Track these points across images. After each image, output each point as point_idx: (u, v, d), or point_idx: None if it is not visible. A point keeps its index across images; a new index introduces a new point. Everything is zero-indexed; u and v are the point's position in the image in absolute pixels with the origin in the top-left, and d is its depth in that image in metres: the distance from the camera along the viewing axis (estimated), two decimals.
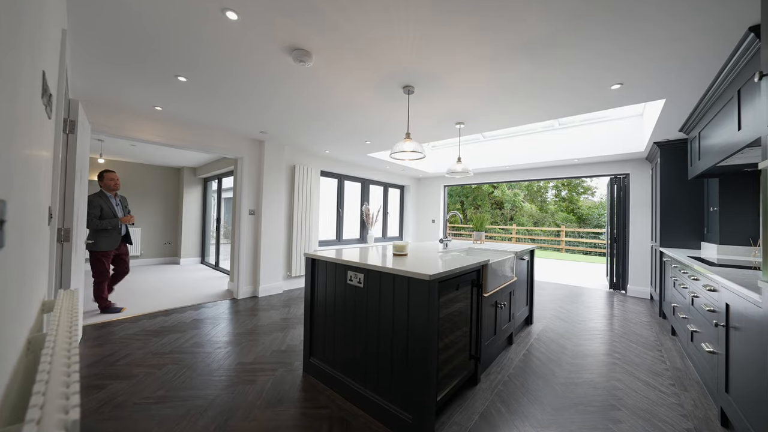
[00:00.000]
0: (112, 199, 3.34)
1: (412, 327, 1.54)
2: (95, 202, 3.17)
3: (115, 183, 3.39)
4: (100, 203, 3.20)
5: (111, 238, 3.25)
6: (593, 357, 2.51)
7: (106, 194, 3.32)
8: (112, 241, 3.26)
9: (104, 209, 3.21)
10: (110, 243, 3.25)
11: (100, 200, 3.22)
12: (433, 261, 1.96)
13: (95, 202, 3.17)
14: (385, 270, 1.65)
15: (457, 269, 1.73)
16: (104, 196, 3.28)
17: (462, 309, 1.90)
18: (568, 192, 17.18)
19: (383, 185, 6.91)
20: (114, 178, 3.38)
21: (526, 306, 3.15)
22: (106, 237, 3.22)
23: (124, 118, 3.13)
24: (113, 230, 3.27)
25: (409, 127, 3.43)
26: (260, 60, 2.07)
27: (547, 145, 5.05)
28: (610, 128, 4.48)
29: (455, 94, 2.59)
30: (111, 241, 3.25)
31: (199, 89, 2.56)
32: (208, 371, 2.16)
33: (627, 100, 2.58)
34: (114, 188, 3.37)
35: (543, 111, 2.90)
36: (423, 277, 1.47)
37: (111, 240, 3.25)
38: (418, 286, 1.51)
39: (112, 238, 3.26)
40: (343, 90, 2.54)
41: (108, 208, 3.25)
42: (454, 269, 1.70)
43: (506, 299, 2.54)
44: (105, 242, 3.21)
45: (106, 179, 3.32)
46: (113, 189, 3.37)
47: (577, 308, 3.94)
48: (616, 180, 5.03)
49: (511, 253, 2.72)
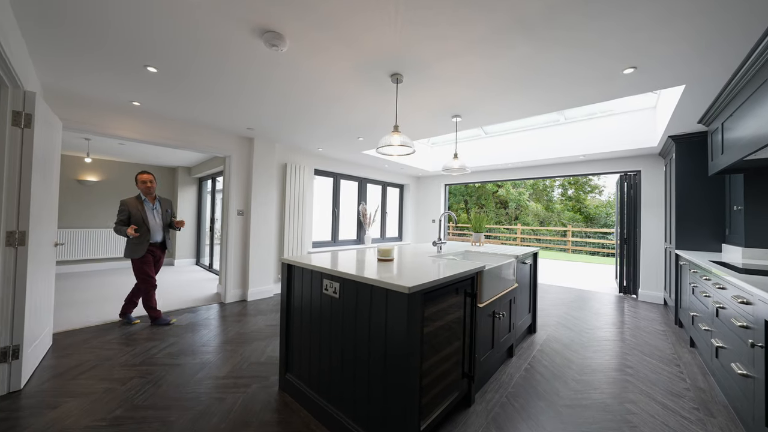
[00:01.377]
0: (147, 203, 3.04)
1: (390, 346, 1.33)
2: (124, 206, 2.94)
3: (147, 186, 3.03)
4: (129, 208, 2.94)
5: (139, 245, 2.94)
6: (602, 372, 2.26)
7: (141, 198, 3.03)
8: (139, 248, 2.94)
9: (133, 214, 2.93)
10: (136, 250, 2.93)
11: (131, 205, 2.95)
12: (421, 268, 1.75)
13: (124, 206, 2.94)
14: (360, 279, 1.44)
15: (446, 278, 1.51)
16: (139, 200, 3.01)
17: (453, 322, 1.68)
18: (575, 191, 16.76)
19: (381, 184, 6.70)
20: (145, 180, 3.04)
21: (528, 314, 2.91)
22: (132, 244, 2.93)
23: (101, 115, 2.97)
24: (141, 237, 2.94)
25: (402, 121, 3.21)
26: (229, 44, 1.87)
27: (552, 141, 4.78)
28: (619, 122, 4.20)
29: (449, 84, 2.37)
30: (138, 248, 2.93)
31: (172, 80, 2.38)
32: (176, 386, 1.98)
33: (640, 88, 2.32)
34: (147, 192, 3.04)
35: (546, 102, 2.66)
36: (401, 289, 1.26)
37: (138, 247, 2.93)
38: (397, 300, 1.30)
39: (140, 246, 2.94)
40: (326, 80, 2.33)
41: (138, 212, 2.96)
42: (443, 278, 1.48)
43: (506, 308, 2.31)
44: (130, 249, 2.93)
45: (139, 182, 3.03)
46: (147, 192, 3.05)
47: (584, 314, 3.68)
48: (627, 177, 4.74)
49: (511, 257, 2.49)
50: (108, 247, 5.86)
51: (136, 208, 2.97)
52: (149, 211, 3.04)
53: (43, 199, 2.20)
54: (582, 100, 2.60)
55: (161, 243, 3.14)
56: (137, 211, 2.97)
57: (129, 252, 2.94)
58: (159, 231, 3.09)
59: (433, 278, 1.43)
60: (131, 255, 2.94)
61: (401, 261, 2.00)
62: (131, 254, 2.94)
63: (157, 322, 3.05)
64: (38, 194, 2.09)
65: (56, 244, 2.58)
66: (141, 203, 3.02)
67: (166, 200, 3.25)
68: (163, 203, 3.19)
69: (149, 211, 3.04)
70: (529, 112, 2.90)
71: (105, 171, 5.86)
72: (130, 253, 2.94)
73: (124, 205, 2.95)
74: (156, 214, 3.09)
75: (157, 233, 3.08)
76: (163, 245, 3.17)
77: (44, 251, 2.28)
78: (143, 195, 3.05)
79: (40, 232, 2.16)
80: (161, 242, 3.14)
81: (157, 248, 3.12)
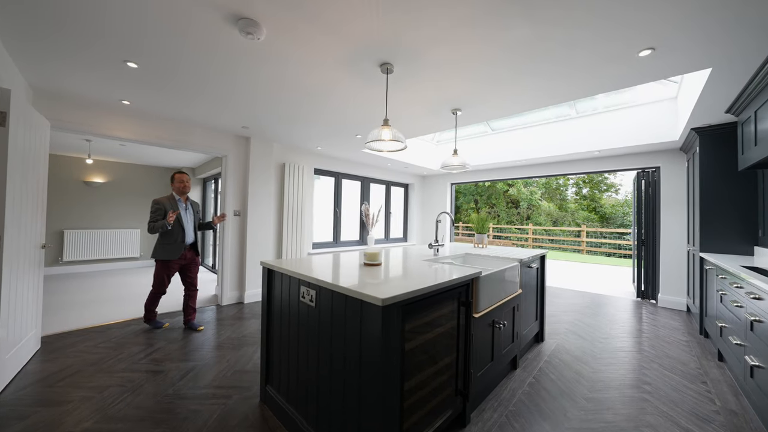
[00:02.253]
0: (180, 203, 2.92)
1: (365, 364, 1.17)
2: (159, 204, 2.80)
3: (184, 185, 2.91)
4: (165, 206, 2.80)
5: (172, 246, 2.80)
6: (617, 389, 2.04)
7: (175, 198, 2.91)
8: (172, 249, 2.80)
9: (168, 213, 2.79)
10: (168, 251, 2.79)
11: (166, 204, 2.82)
12: (410, 275, 1.58)
13: (159, 204, 2.80)
14: (334, 288, 1.29)
15: (434, 286, 1.34)
16: (173, 199, 2.88)
17: (444, 334, 1.51)
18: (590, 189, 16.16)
19: (385, 183, 6.54)
20: (183, 180, 2.91)
21: (535, 321, 2.70)
22: (164, 244, 2.80)
23: (92, 115, 2.93)
24: (174, 237, 2.82)
25: (399, 116, 3.05)
26: (203, 34, 1.75)
27: (563, 136, 4.52)
28: (636, 115, 3.91)
29: (444, 75, 2.19)
30: (170, 249, 2.80)
31: (155, 76, 2.29)
32: (153, 396, 1.88)
33: (660, 72, 2.08)
34: (182, 192, 2.92)
35: (552, 92, 2.45)
36: (375, 301, 1.10)
37: (170, 248, 2.80)
38: (371, 312, 1.14)
39: (174, 246, 2.81)
40: (314, 74, 2.20)
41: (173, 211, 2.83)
42: (430, 286, 1.31)
43: (508, 317, 2.12)
44: (161, 250, 2.79)
45: (176, 181, 2.91)
46: (182, 192, 2.93)
47: (598, 321, 3.42)
48: (644, 174, 4.43)
49: (514, 261, 2.29)
50: (113, 248, 5.92)
51: (171, 208, 2.83)
52: (183, 210, 2.91)
53: (24, 200, 2.15)
54: (591, 89, 2.37)
55: (192, 244, 3.01)
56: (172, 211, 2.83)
57: (160, 253, 2.80)
58: (191, 232, 2.97)
59: (417, 287, 1.26)
60: (161, 256, 2.81)
61: (391, 266, 1.84)
62: (162, 255, 2.80)
63: (151, 323, 2.98)
64: (17, 195, 2.03)
65: (43, 246, 2.54)
66: (175, 203, 2.88)
67: (195, 203, 3.13)
68: (193, 205, 3.07)
69: (183, 210, 2.91)
70: (532, 104, 2.69)
71: (110, 172, 5.92)
72: (160, 254, 2.80)
73: (159, 203, 2.80)
74: (189, 215, 2.97)
75: (190, 235, 2.96)
76: (194, 247, 3.03)
77: (27, 253, 2.23)
78: (177, 194, 2.93)
79: (20, 233, 2.10)
80: (193, 243, 3.01)
81: (189, 250, 2.98)
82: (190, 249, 2.99)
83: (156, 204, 2.80)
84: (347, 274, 1.51)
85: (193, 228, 3.02)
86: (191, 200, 3.08)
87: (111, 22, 1.67)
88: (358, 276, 1.48)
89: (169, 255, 2.81)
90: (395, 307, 1.16)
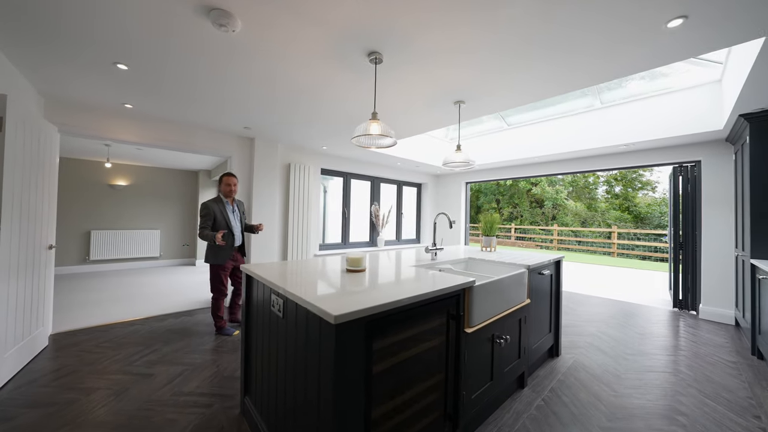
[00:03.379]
0: (228, 205, 2.89)
1: (323, 388, 1.02)
2: (208, 209, 2.76)
3: (230, 188, 2.88)
4: (214, 210, 2.78)
5: (222, 250, 2.78)
6: (643, 419, 1.75)
7: (222, 200, 2.88)
8: (223, 253, 2.79)
9: (217, 218, 2.78)
10: (219, 255, 2.78)
11: (214, 207, 2.80)
12: (387, 284, 1.42)
13: (208, 209, 2.76)
14: (296, 299, 1.15)
15: (411, 299, 1.17)
16: (220, 202, 2.86)
17: (431, 350, 1.33)
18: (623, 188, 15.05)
19: (397, 183, 6.37)
20: (229, 183, 2.87)
21: (548, 333, 2.42)
22: (214, 249, 2.78)
23: (97, 119, 3.01)
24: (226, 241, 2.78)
25: (395, 109, 2.87)
26: (181, 30, 1.69)
27: (586, 130, 4.13)
28: (671, 103, 3.48)
29: (440, 63, 2.00)
30: (221, 253, 2.78)
31: (147, 77, 2.29)
32: (136, 401, 1.84)
33: (694, 47, 1.77)
34: (228, 194, 2.89)
35: (566, 79, 2.18)
36: (328, 318, 0.95)
37: (222, 252, 2.78)
38: (327, 332, 0.99)
39: (224, 251, 2.79)
40: (301, 69, 2.09)
41: (221, 216, 2.81)
42: (404, 300, 1.14)
43: (512, 330, 1.89)
44: (212, 255, 2.78)
45: (223, 184, 2.88)
46: (229, 195, 2.89)
47: (626, 334, 3.06)
48: (682, 170, 3.95)
49: (521, 268, 2.05)
50: (135, 248, 6.20)
51: (219, 212, 2.81)
52: (230, 213, 2.89)
53: (26, 203, 2.21)
54: (611, 72, 2.08)
55: (240, 247, 2.98)
56: (221, 215, 2.81)
57: (211, 257, 2.79)
58: (239, 235, 2.93)
59: (387, 299, 1.10)
60: (213, 261, 2.79)
61: (377, 272, 1.68)
62: (214, 260, 2.79)
63: (221, 331, 2.89)
64: (17, 198, 2.08)
65: (50, 247, 2.62)
66: (223, 205, 2.86)
67: (241, 202, 3.10)
68: (239, 206, 3.04)
69: (230, 213, 2.89)
70: (543, 92, 2.42)
71: (132, 175, 6.21)
72: (212, 259, 2.79)
73: (208, 208, 2.77)
74: (236, 217, 2.95)
75: (238, 237, 2.92)
76: (242, 249, 3.01)
77: (29, 254, 2.29)
78: (224, 197, 2.90)
79: (21, 235, 2.15)
80: (240, 246, 2.98)
81: (237, 252, 2.96)
82: (238, 251, 2.97)
83: (205, 209, 2.77)
84: (324, 282, 1.37)
85: (240, 230, 2.98)
86: (238, 201, 3.04)
87: (94, 24, 1.64)
88: (334, 284, 1.34)
89: (221, 260, 2.80)
90: (356, 324, 1.00)
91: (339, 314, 0.93)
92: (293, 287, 1.24)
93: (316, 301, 1.06)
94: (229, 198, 2.91)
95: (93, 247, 5.76)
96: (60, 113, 2.81)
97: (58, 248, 5.44)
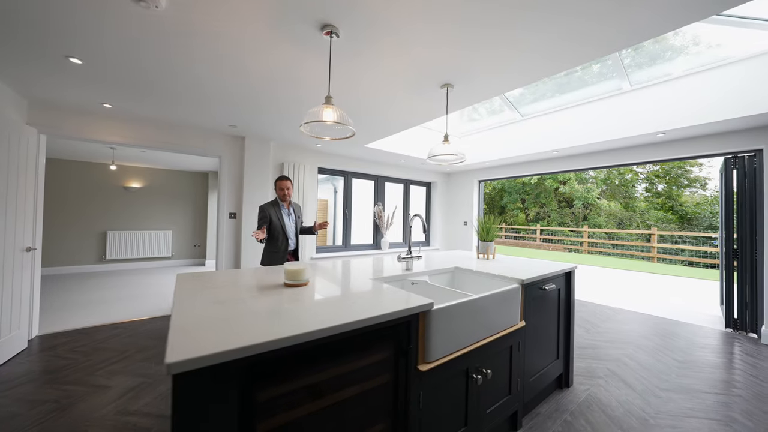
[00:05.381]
0: (283, 208, 2.81)
1: None
2: (265, 212, 2.69)
3: (284, 192, 2.78)
4: (270, 213, 2.70)
5: (277, 254, 2.70)
6: None
7: (279, 203, 2.82)
8: (278, 257, 2.70)
9: (273, 221, 2.71)
10: (274, 259, 2.69)
11: (270, 210, 2.72)
12: (324, 302, 1.12)
13: (265, 212, 2.69)
14: None
15: (323, 332, 0.87)
16: (276, 205, 2.79)
17: (370, 393, 1.02)
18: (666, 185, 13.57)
19: (403, 182, 6.04)
20: (283, 187, 2.79)
21: (555, 360, 2.00)
22: (270, 252, 2.71)
23: (79, 120, 2.97)
24: (278, 245, 2.73)
25: (371, 97, 2.54)
26: (109, 13, 1.50)
27: (612, 117, 3.57)
28: (720, 79, 2.87)
29: (411, 38, 1.68)
30: (276, 257, 2.69)
31: (105, 71, 2.15)
32: (76, 420, 1.69)
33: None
34: (284, 197, 2.81)
35: (570, 51, 1.75)
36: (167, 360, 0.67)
37: (276, 256, 2.69)
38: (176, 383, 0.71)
39: (279, 254, 2.71)
40: (256, 54, 1.85)
41: (277, 219, 2.73)
42: (310, 332, 0.84)
43: (498, 361, 1.52)
44: (267, 258, 2.71)
45: (277, 188, 2.81)
46: (284, 198, 2.82)
47: (661, 361, 2.52)
48: (737, 161, 3.27)
49: (513, 283, 1.66)
50: (148, 248, 6.37)
51: (275, 215, 2.74)
52: (285, 216, 2.82)
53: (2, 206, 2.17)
54: (628, 38, 1.63)
55: (294, 251, 2.89)
56: (277, 218, 2.74)
57: (266, 261, 2.73)
58: (294, 238, 2.86)
59: (284, 333, 0.80)
60: (269, 264, 2.72)
61: (323, 286, 1.39)
62: (269, 263, 2.72)
63: None
64: None
65: (28, 249, 2.59)
66: (279, 208, 2.79)
67: (297, 206, 2.99)
68: (295, 209, 2.95)
69: (285, 216, 2.82)
70: (545, 69, 2.00)
71: (145, 177, 6.38)
72: (267, 263, 2.73)
73: (265, 210, 2.71)
74: (291, 220, 2.86)
75: (293, 240, 2.85)
76: (296, 253, 2.92)
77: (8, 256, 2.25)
78: (280, 200, 2.83)
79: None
80: (294, 250, 2.89)
81: (291, 256, 2.87)
82: (292, 255, 2.88)
83: (261, 211, 2.71)
84: (232, 303, 1.11)
85: (295, 233, 2.89)
86: (293, 204, 2.95)
87: (29, 14, 1.50)
88: (243, 306, 1.07)
89: (272, 263, 2.71)
90: (221, 371, 0.71)
91: (179, 360, 0.65)
92: (178, 313, 0.98)
93: (175, 334, 0.78)
94: (284, 201, 2.83)
95: (109, 246, 5.98)
96: (42, 115, 2.80)
97: (75, 248, 5.70)
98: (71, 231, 5.68)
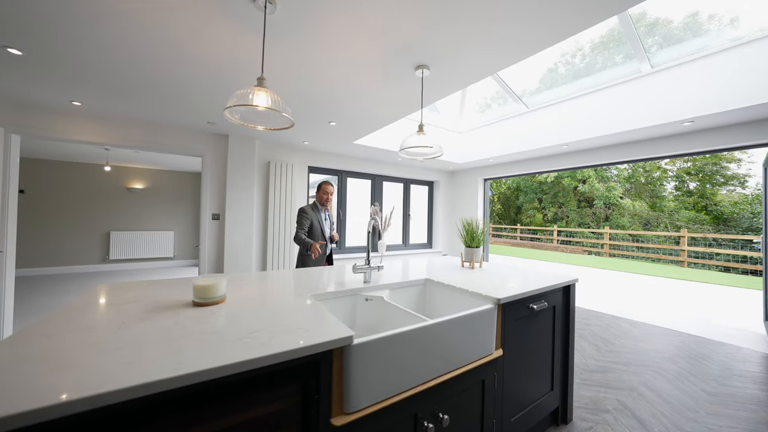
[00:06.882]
0: (322, 213, 2.78)
1: None
2: (306, 214, 2.66)
3: (327, 197, 2.77)
4: (311, 217, 2.67)
5: (316, 258, 2.62)
6: None
7: (318, 207, 2.77)
8: (313, 264, 2.64)
9: (314, 225, 2.67)
10: (307, 265, 2.64)
11: (313, 213, 2.70)
12: (205, 335, 0.87)
13: (306, 214, 2.66)
14: None
15: (186, 378, 0.61)
16: (317, 209, 2.75)
17: None
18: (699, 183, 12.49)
19: (403, 181, 5.74)
20: (327, 191, 2.77)
21: (550, 392, 1.66)
22: (304, 258, 2.63)
23: (50, 119, 2.88)
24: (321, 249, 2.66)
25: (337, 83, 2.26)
26: None
27: (631, 104, 3.14)
28: (754, 54, 2.40)
29: (366, 15, 1.40)
30: (310, 263, 2.64)
31: (48, 62, 2.00)
32: None
33: None
34: (325, 202, 2.79)
35: (570, 16, 1.41)
36: None
37: (310, 262, 2.63)
38: None
39: (318, 258, 2.64)
40: (197, 35, 1.62)
41: (317, 223, 2.70)
42: (170, 378, 0.59)
43: (464, 401, 1.21)
44: (301, 264, 2.66)
45: (320, 192, 2.77)
46: (324, 203, 2.79)
47: (687, 391, 2.10)
48: None
49: (488, 302, 1.35)
50: (151, 248, 6.41)
51: (316, 218, 2.70)
52: (324, 221, 2.78)
53: None
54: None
55: (329, 256, 2.86)
56: (317, 222, 2.70)
57: (302, 265, 2.67)
58: (328, 243, 2.84)
59: (130, 383, 0.55)
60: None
61: (243, 305, 1.14)
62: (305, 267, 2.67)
63: None
64: None
65: None
66: (318, 213, 2.75)
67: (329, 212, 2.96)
68: (330, 215, 2.91)
69: (324, 221, 2.78)
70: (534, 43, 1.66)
71: (147, 179, 6.43)
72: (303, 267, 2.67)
73: (307, 213, 2.66)
74: (327, 225, 2.82)
75: (329, 245, 2.83)
76: (330, 258, 2.87)
77: None
78: (319, 204, 2.78)
79: None
80: (329, 255, 2.86)
81: (327, 262, 2.83)
82: (327, 259, 2.85)
83: (303, 213, 2.68)
84: (131, 322, 0.87)
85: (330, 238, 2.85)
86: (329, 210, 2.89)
87: None
88: (131, 330, 0.84)
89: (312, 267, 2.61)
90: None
91: None
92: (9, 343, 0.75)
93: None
94: (324, 206, 2.81)
95: (112, 247, 6.05)
96: (8, 113, 2.72)
97: (79, 248, 5.78)
98: (75, 231, 5.78)
